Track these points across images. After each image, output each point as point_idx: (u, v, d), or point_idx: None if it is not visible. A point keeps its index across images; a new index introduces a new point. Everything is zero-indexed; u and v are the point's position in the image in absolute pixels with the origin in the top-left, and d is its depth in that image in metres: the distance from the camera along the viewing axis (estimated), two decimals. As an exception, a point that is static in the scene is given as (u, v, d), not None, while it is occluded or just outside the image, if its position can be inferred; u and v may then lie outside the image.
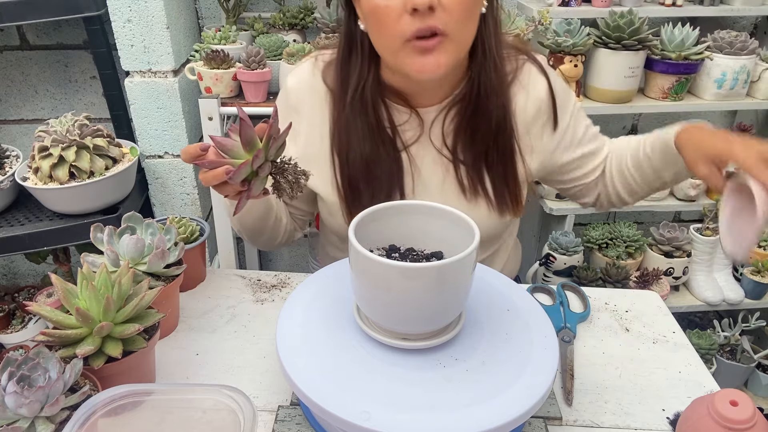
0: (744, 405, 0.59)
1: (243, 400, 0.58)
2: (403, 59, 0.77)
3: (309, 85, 0.91)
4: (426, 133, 0.89)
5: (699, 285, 1.68)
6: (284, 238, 0.99)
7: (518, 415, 0.59)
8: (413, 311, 0.63)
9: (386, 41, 0.77)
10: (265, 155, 0.64)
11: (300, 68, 0.93)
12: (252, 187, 0.66)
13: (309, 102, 0.91)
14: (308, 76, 0.91)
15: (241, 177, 0.64)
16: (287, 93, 0.92)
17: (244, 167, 0.63)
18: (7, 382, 0.58)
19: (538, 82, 0.90)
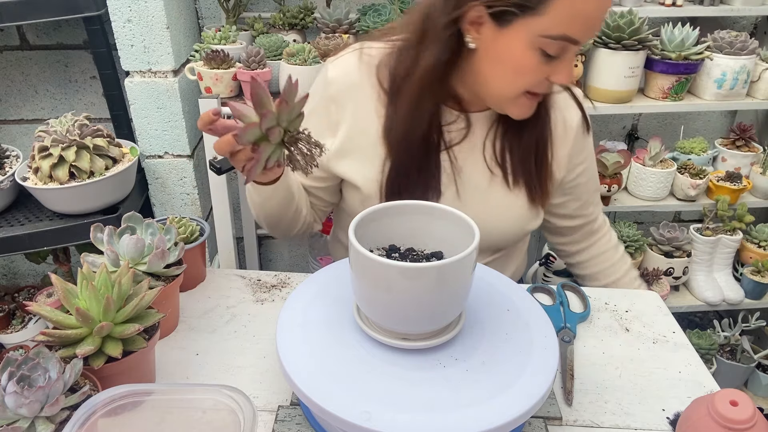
0: (744, 405, 0.59)
1: (243, 400, 0.58)
2: (510, 104, 0.84)
3: (354, 79, 0.90)
4: (471, 135, 0.91)
5: (699, 285, 1.68)
6: (302, 229, 1.00)
7: (518, 415, 0.59)
8: (413, 311, 0.63)
9: (509, 91, 0.82)
10: (276, 119, 0.62)
11: (343, 60, 0.91)
12: (261, 151, 0.63)
13: (353, 96, 0.90)
14: (353, 70, 0.90)
15: (249, 138, 0.62)
16: (327, 83, 0.91)
17: (252, 128, 0.61)
18: (7, 382, 0.58)
19: (573, 111, 0.95)
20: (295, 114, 0.64)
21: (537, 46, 0.76)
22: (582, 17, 0.74)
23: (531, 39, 0.75)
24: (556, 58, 0.77)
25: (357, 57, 0.91)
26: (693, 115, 1.90)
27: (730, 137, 1.74)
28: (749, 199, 1.68)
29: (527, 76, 0.79)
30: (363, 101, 0.90)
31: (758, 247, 1.68)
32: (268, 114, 0.61)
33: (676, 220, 2.08)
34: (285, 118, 0.63)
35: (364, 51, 0.91)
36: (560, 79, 0.79)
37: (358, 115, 0.90)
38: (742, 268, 1.71)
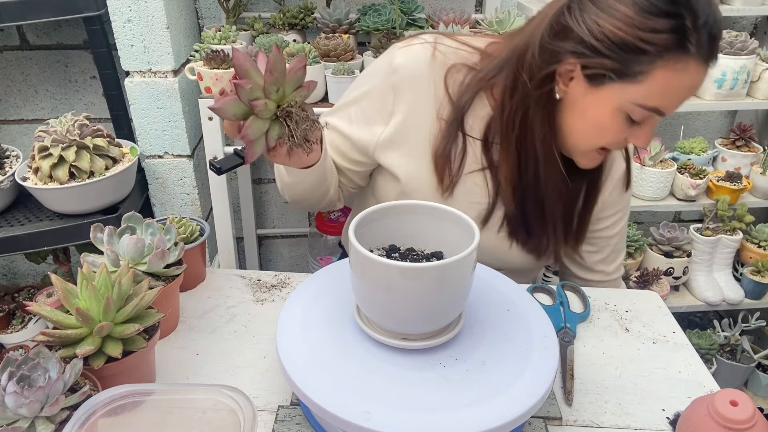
0: (744, 405, 0.59)
1: (243, 400, 0.58)
2: (581, 156, 0.86)
3: (421, 73, 0.87)
4: None
5: (699, 285, 1.68)
6: (324, 207, 1.00)
7: (518, 415, 0.59)
8: (413, 311, 0.63)
9: (586, 144, 0.83)
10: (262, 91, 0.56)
11: (413, 51, 0.88)
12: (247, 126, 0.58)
13: (415, 89, 0.88)
14: (422, 64, 0.88)
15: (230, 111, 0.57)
16: (392, 70, 0.88)
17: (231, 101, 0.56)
18: (7, 382, 0.58)
19: (619, 163, 0.96)
20: (291, 86, 0.58)
21: (624, 111, 0.76)
22: (675, 92, 0.74)
23: (621, 104, 0.75)
24: (638, 123, 0.78)
25: (429, 52, 0.88)
26: (693, 115, 1.90)
27: (730, 137, 1.74)
28: (749, 199, 1.68)
29: (607, 136, 0.80)
30: (423, 97, 0.88)
31: (758, 247, 1.68)
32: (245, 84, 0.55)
33: (676, 220, 2.08)
34: (274, 90, 0.57)
35: (438, 47, 0.88)
36: (639, 143, 0.80)
37: (415, 109, 0.88)
38: (742, 268, 1.71)
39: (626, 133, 0.79)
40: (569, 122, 0.82)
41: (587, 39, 0.73)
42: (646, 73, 0.72)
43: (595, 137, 0.81)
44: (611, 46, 0.72)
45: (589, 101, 0.77)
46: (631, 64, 0.72)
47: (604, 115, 0.77)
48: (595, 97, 0.77)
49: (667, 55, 0.71)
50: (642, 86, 0.73)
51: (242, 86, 0.55)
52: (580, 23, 0.74)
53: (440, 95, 0.88)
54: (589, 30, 0.73)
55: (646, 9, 0.70)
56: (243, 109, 0.57)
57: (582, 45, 0.74)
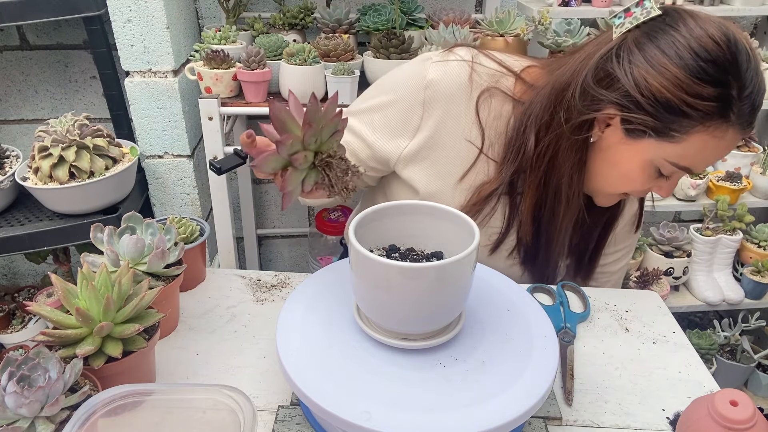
0: (744, 405, 0.59)
1: (243, 400, 0.58)
2: (603, 197, 0.87)
3: (455, 93, 0.85)
4: None
5: (699, 285, 1.68)
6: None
7: (518, 415, 0.59)
8: (413, 311, 0.63)
9: (612, 188, 0.84)
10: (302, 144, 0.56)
11: (450, 67, 0.86)
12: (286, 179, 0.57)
13: (446, 107, 0.86)
14: (457, 84, 0.85)
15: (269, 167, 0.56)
16: (426, 84, 0.85)
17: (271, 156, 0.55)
18: (7, 382, 0.58)
19: (632, 203, 0.97)
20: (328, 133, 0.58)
21: (656, 165, 0.77)
22: (709, 154, 0.75)
23: (654, 159, 0.76)
24: (666, 177, 0.79)
25: (465, 72, 0.86)
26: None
27: (730, 137, 1.74)
28: (749, 199, 1.68)
29: (632, 185, 0.81)
30: (454, 117, 0.86)
31: (758, 247, 1.68)
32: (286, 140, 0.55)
33: (676, 220, 2.08)
34: (312, 141, 0.57)
35: (475, 68, 0.86)
36: (662, 194, 0.82)
37: (443, 128, 0.87)
38: (742, 268, 1.71)
39: (652, 184, 0.80)
40: (598, 166, 0.82)
41: (633, 93, 0.72)
42: (685, 136, 0.72)
43: (622, 185, 0.82)
44: (656, 105, 0.72)
45: (623, 151, 0.78)
46: (672, 125, 0.72)
47: (635, 166, 0.78)
48: (629, 148, 0.77)
49: (709, 122, 0.71)
50: (678, 146, 0.73)
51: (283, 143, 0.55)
52: (627, 75, 0.72)
53: (472, 118, 0.87)
54: (636, 84, 0.72)
55: (696, 74, 0.69)
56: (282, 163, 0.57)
57: (627, 98, 0.73)
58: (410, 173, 0.90)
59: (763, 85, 0.72)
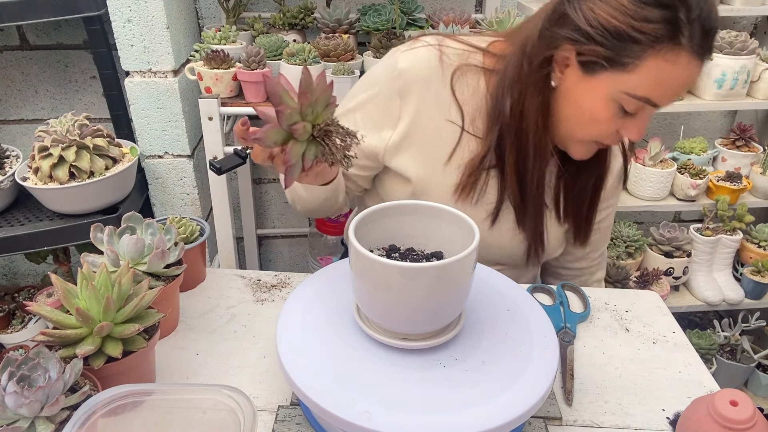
0: (744, 405, 0.59)
1: (243, 400, 0.58)
2: (573, 147, 0.86)
3: (426, 76, 0.88)
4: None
5: (699, 285, 1.68)
6: (333, 213, 1.01)
7: (518, 415, 0.59)
8: (413, 311, 0.63)
9: (579, 134, 0.84)
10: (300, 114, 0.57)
11: (418, 53, 0.89)
12: (288, 152, 0.59)
13: (420, 92, 0.88)
14: (428, 67, 0.88)
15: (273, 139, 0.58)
16: (396, 74, 0.88)
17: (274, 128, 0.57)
18: (7, 382, 0.58)
19: (617, 158, 0.97)
20: (322, 104, 0.59)
21: (617, 101, 0.77)
22: (667, 83, 0.75)
23: (613, 93, 0.76)
24: (632, 115, 0.78)
25: (434, 55, 0.88)
26: (693, 115, 1.90)
27: (730, 137, 1.74)
28: (749, 199, 1.68)
29: (599, 126, 0.80)
30: (430, 100, 0.88)
31: (758, 247, 1.68)
32: (284, 110, 0.56)
33: (676, 220, 2.08)
34: (309, 111, 0.59)
35: (443, 50, 0.89)
36: (632, 135, 0.80)
37: (422, 112, 0.89)
38: (742, 268, 1.71)
39: (619, 124, 0.80)
40: (564, 111, 0.82)
41: (583, 26, 0.74)
42: (637, 63, 0.73)
43: (588, 127, 0.81)
44: (605, 34, 0.73)
45: (583, 90, 0.78)
46: (623, 53, 0.73)
47: (597, 104, 0.78)
48: (589, 86, 0.78)
49: (659, 46, 0.72)
50: (634, 75, 0.74)
51: (283, 112, 0.56)
52: (577, 10, 0.75)
53: (448, 98, 0.89)
54: (584, 17, 0.74)
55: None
56: (283, 135, 0.58)
57: (577, 32, 0.75)
58: (399, 163, 0.91)
59: (714, 10, 0.73)
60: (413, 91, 0.88)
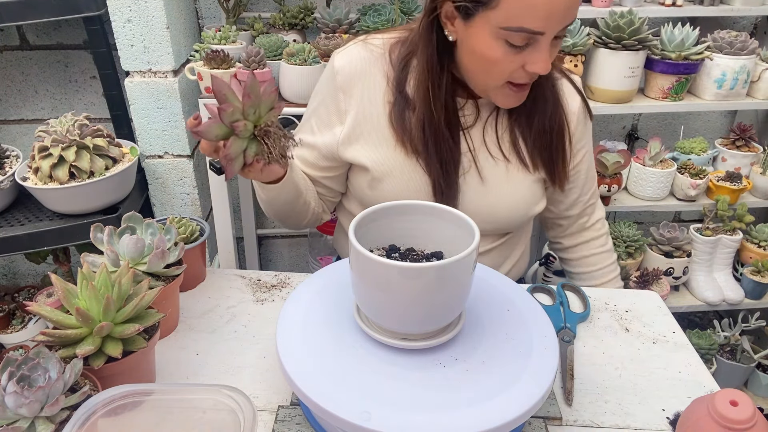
0: (744, 405, 0.59)
1: (243, 400, 0.58)
2: (495, 95, 0.87)
3: (360, 67, 0.93)
4: (480, 120, 0.94)
5: (699, 285, 1.68)
6: (312, 220, 1.04)
7: (518, 415, 0.59)
8: (413, 311, 0.63)
9: (487, 81, 0.85)
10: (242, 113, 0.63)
11: (349, 50, 0.95)
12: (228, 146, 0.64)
13: (359, 83, 0.93)
14: (358, 59, 0.93)
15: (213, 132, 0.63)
16: (334, 74, 0.94)
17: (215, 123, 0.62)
18: (7, 382, 0.58)
19: (572, 97, 0.98)
20: (266, 107, 0.64)
21: (500, 38, 0.78)
22: (534, 9, 0.75)
23: (492, 31, 0.78)
24: (524, 47, 0.79)
25: (362, 47, 0.95)
26: (693, 115, 1.90)
27: (730, 137, 1.74)
28: (749, 199, 1.68)
29: (499, 66, 0.81)
30: (369, 88, 0.93)
31: (758, 247, 1.68)
32: (227, 108, 0.61)
33: (676, 220, 2.08)
34: (251, 112, 0.63)
35: (368, 41, 0.95)
36: (535, 68, 0.80)
37: (365, 101, 0.93)
38: (742, 268, 1.71)
39: (518, 59, 0.80)
40: (466, 61, 0.85)
41: None
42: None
43: (490, 70, 0.83)
44: None
45: (470, 36, 0.81)
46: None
47: (485, 46, 0.80)
48: (472, 31, 0.80)
49: None
50: (500, 10, 0.76)
51: (225, 110, 0.61)
52: None
53: (385, 80, 0.92)
54: None
55: None
56: (224, 130, 0.63)
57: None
58: (353, 153, 0.94)
59: None
60: (353, 84, 0.93)
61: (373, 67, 0.93)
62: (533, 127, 0.94)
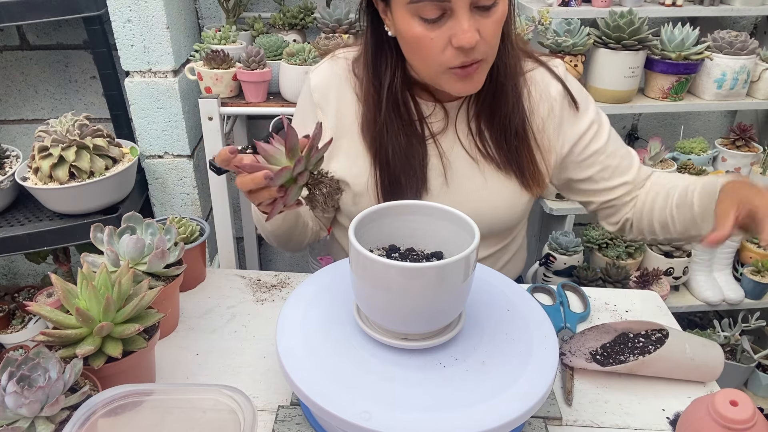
0: (744, 405, 0.59)
1: (243, 400, 0.58)
2: (444, 83, 0.83)
3: (331, 81, 0.94)
4: (452, 124, 0.93)
5: (699, 285, 1.68)
6: (311, 239, 1.03)
7: (518, 415, 0.59)
8: (413, 311, 0.63)
9: (428, 67, 0.82)
10: (305, 164, 0.66)
11: (321, 67, 0.97)
12: (289, 193, 0.67)
13: (331, 99, 0.94)
14: (330, 73, 0.95)
15: (281, 181, 0.66)
16: (311, 91, 0.95)
17: (285, 171, 0.65)
18: (7, 382, 0.58)
19: (551, 84, 0.94)
20: (320, 157, 0.68)
21: (414, 14, 0.78)
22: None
23: (405, 9, 0.78)
24: (441, 21, 0.77)
25: (333, 63, 0.96)
26: (693, 115, 1.90)
27: (730, 137, 1.74)
28: (749, 199, 1.68)
29: (427, 46, 0.79)
30: (341, 103, 0.94)
31: (758, 247, 1.68)
32: (301, 160, 0.65)
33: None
34: (312, 162, 0.67)
35: (337, 55, 0.97)
36: (459, 41, 0.77)
37: (340, 115, 0.94)
38: (742, 268, 1.71)
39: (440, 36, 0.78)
40: (405, 52, 0.84)
41: None
42: None
43: (421, 52, 0.80)
44: None
45: (396, 23, 0.81)
46: None
47: (406, 27, 0.79)
48: (395, 17, 0.81)
49: None
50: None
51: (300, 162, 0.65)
52: None
53: (354, 93, 0.93)
54: None
55: None
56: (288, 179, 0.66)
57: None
58: (335, 168, 0.94)
59: None
60: (328, 100, 0.94)
61: (344, 82, 0.94)
62: (494, 125, 0.91)
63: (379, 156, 0.91)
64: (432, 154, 0.92)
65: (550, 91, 0.94)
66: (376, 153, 0.91)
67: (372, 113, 0.90)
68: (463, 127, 0.93)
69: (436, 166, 0.92)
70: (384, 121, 0.89)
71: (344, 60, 0.95)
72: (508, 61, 0.88)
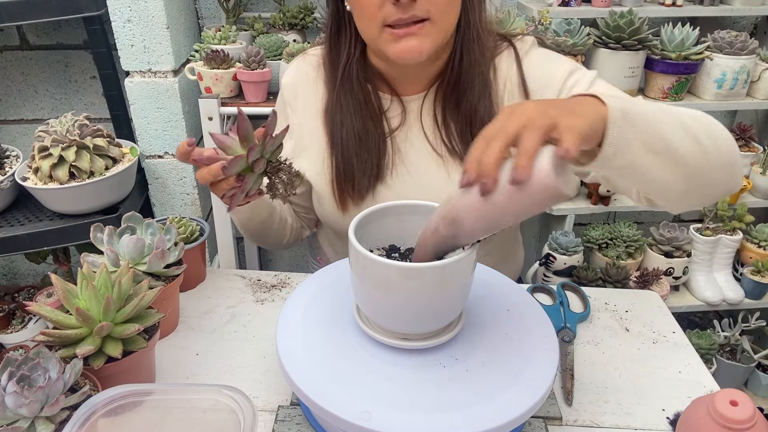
0: (744, 405, 0.59)
1: (243, 400, 0.58)
2: (384, 44, 0.79)
3: (299, 79, 0.95)
4: (416, 118, 0.90)
5: (699, 285, 1.68)
6: (292, 238, 1.03)
7: (518, 415, 0.59)
8: (413, 311, 0.63)
9: (366, 26, 0.80)
10: (261, 151, 0.66)
11: (291, 66, 0.99)
12: (246, 181, 0.67)
13: (301, 94, 0.95)
14: (296, 73, 0.96)
15: (236, 169, 0.65)
16: (282, 89, 0.97)
17: (239, 160, 0.64)
18: (7, 382, 0.58)
19: (512, 64, 0.89)
20: (277, 145, 0.68)
21: None
22: None
23: None
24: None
25: (302, 60, 0.97)
26: (693, 115, 1.90)
27: (730, 137, 1.74)
28: (749, 199, 1.68)
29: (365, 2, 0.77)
30: (307, 101, 0.94)
31: (758, 247, 1.68)
32: (255, 147, 0.64)
33: (676, 220, 2.08)
34: (269, 150, 0.67)
35: (308, 53, 0.98)
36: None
37: (304, 114, 0.94)
38: (742, 268, 1.71)
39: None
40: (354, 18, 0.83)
41: None
42: None
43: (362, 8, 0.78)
44: None
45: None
46: None
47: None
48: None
49: None
50: None
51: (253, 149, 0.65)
52: None
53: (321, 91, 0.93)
54: None
55: None
56: (244, 167, 0.66)
57: None
58: (300, 167, 0.94)
59: None
60: (295, 98, 0.95)
61: (309, 79, 0.94)
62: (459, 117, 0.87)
63: (333, 137, 0.90)
64: (388, 150, 0.90)
65: (511, 77, 0.89)
66: (332, 134, 0.90)
67: (330, 93, 0.90)
68: (429, 121, 0.90)
69: (391, 162, 0.90)
70: (338, 96, 0.88)
71: (314, 57, 0.96)
72: (472, 47, 0.85)
